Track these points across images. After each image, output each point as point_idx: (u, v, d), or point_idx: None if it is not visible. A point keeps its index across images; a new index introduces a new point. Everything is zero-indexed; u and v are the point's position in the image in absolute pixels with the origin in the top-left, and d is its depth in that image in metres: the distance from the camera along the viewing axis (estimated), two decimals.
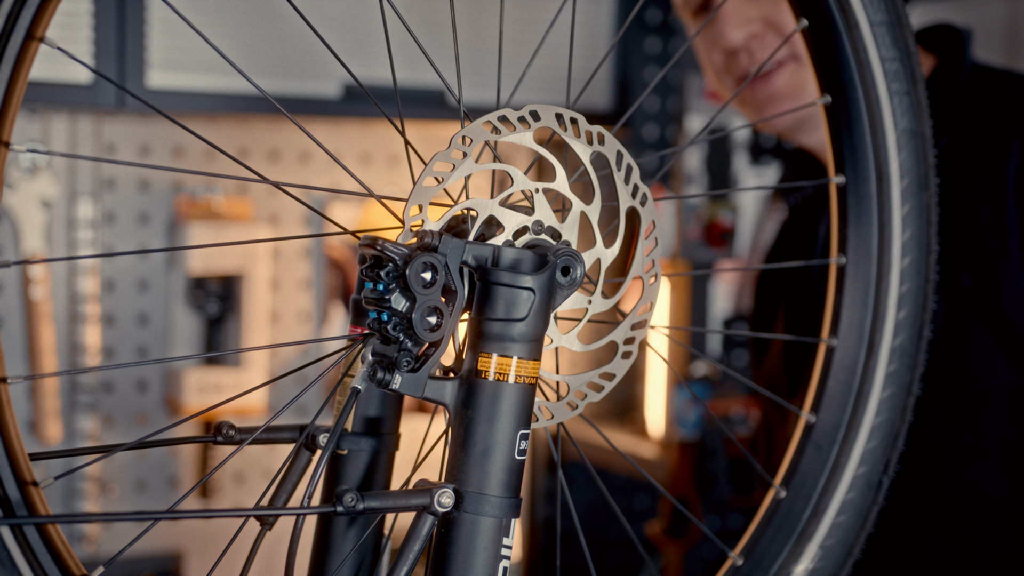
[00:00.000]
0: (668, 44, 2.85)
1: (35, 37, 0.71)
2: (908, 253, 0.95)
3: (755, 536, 0.95)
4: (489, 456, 0.73)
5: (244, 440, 0.83)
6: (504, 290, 0.73)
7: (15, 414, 0.72)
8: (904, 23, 0.93)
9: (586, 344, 0.83)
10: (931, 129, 0.96)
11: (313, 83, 2.36)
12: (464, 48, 0.85)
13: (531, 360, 0.74)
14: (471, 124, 0.77)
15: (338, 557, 0.83)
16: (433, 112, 2.44)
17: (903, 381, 0.96)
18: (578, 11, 2.54)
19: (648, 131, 2.85)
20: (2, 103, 0.70)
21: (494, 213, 0.77)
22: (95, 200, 2.45)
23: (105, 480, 2.50)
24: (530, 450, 1.59)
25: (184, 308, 2.51)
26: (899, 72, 0.93)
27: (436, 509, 0.73)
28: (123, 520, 0.73)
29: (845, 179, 0.95)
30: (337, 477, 0.83)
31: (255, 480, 2.65)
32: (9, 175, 2.33)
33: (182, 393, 2.41)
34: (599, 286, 0.81)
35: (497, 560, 0.73)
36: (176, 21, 2.24)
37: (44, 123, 2.39)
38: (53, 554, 0.73)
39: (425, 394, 0.74)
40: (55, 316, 2.41)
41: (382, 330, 0.74)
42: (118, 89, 2.19)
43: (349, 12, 2.34)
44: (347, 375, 0.83)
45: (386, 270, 0.73)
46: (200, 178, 2.53)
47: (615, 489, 2.92)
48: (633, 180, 0.81)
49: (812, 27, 0.93)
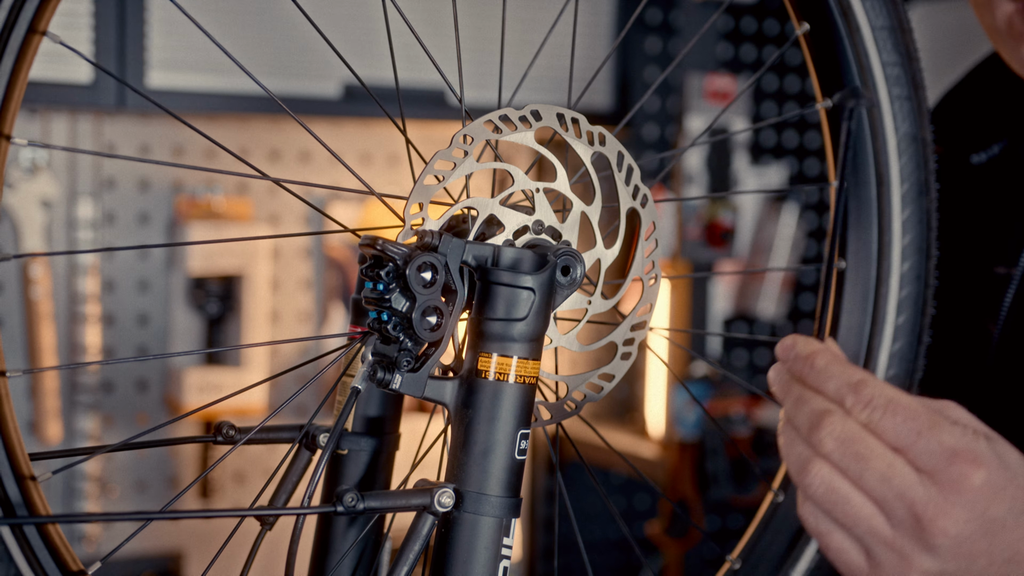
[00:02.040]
0: (668, 44, 2.85)
1: (37, 31, 0.71)
2: (908, 258, 0.95)
3: (753, 539, 0.95)
4: (489, 456, 0.73)
5: (243, 440, 0.83)
6: (504, 290, 0.73)
7: (15, 412, 0.72)
8: (906, 27, 0.93)
9: (586, 344, 0.83)
10: (932, 134, 0.96)
11: (313, 83, 2.37)
12: (465, 48, 0.85)
13: (531, 360, 0.74)
14: (472, 123, 0.77)
15: (338, 557, 0.83)
16: (434, 112, 2.44)
17: (902, 386, 0.96)
18: (579, 11, 2.54)
19: (648, 131, 2.86)
20: (4, 97, 0.70)
21: (494, 212, 0.77)
22: (95, 200, 2.46)
23: (105, 480, 2.50)
24: (530, 450, 1.58)
25: (184, 308, 2.51)
26: (900, 77, 0.93)
27: (436, 509, 0.73)
28: (122, 520, 0.73)
29: (846, 183, 0.95)
30: (337, 477, 0.83)
31: (255, 480, 2.65)
32: (9, 175, 2.33)
33: (182, 393, 2.41)
34: (599, 287, 0.81)
35: (497, 560, 0.73)
36: (176, 21, 2.24)
37: (44, 122, 2.39)
38: (51, 551, 0.73)
39: (425, 394, 0.74)
40: (55, 316, 2.41)
41: (382, 330, 0.74)
42: (118, 89, 2.19)
43: (349, 12, 2.34)
44: (347, 375, 0.83)
45: (386, 270, 0.73)
46: (200, 178, 2.53)
47: (616, 489, 2.92)
48: (634, 181, 0.81)
49: (813, 31, 0.93)
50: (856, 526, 0.67)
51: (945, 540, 0.66)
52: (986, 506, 0.67)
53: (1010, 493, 0.68)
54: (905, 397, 0.67)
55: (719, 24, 2.92)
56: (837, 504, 0.67)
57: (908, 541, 0.67)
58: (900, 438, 0.66)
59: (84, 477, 2.45)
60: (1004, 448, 0.69)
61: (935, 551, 0.66)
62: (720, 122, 2.71)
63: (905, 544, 0.67)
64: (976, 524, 0.67)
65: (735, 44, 2.97)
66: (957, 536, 0.66)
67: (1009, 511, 0.67)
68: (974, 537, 0.67)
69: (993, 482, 0.67)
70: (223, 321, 2.52)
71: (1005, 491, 0.67)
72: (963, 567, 0.68)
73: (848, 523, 0.68)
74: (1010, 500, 0.67)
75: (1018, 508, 0.68)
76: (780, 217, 2.89)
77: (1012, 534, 0.68)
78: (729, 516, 2.96)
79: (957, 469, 0.66)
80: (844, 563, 0.69)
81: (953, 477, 0.66)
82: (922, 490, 0.66)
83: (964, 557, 0.67)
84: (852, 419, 0.67)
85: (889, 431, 0.66)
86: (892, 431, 0.66)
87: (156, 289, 2.54)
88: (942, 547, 0.66)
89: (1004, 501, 0.67)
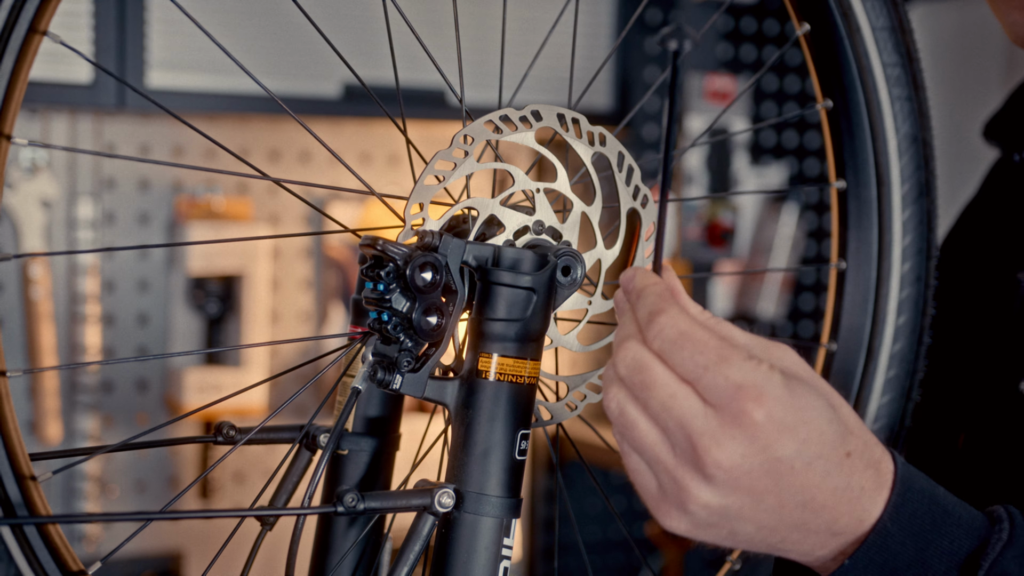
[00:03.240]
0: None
1: (38, 31, 0.71)
2: (908, 259, 0.95)
3: None
4: (489, 456, 0.73)
5: (243, 440, 0.83)
6: (505, 290, 0.73)
7: (15, 412, 0.72)
8: (906, 28, 0.93)
9: (585, 345, 0.83)
10: (932, 135, 0.96)
11: (313, 83, 2.37)
12: (466, 48, 0.85)
13: (531, 360, 0.74)
14: (473, 123, 0.77)
15: (338, 557, 0.83)
16: (434, 112, 2.44)
17: (902, 387, 0.96)
18: (579, 12, 2.54)
19: (648, 131, 2.86)
20: (4, 97, 0.70)
21: (495, 213, 0.77)
22: (95, 200, 2.46)
23: (105, 480, 2.50)
24: (530, 450, 1.58)
25: (184, 308, 2.51)
26: (900, 77, 0.93)
27: (437, 509, 0.73)
28: (122, 520, 0.73)
29: (846, 183, 0.95)
30: (337, 477, 0.83)
31: (255, 480, 2.65)
32: (9, 175, 2.33)
33: (182, 393, 2.40)
34: (599, 287, 0.81)
35: (498, 560, 0.73)
36: (176, 21, 2.24)
37: (44, 123, 2.40)
38: (51, 551, 0.73)
39: (425, 394, 0.74)
40: (55, 316, 2.41)
41: (382, 330, 0.74)
42: (118, 89, 2.19)
43: (350, 12, 2.34)
44: (347, 375, 0.83)
45: (386, 270, 0.73)
46: (200, 178, 2.53)
47: (617, 489, 2.92)
48: (634, 181, 0.81)
49: (814, 31, 0.93)
50: (643, 451, 0.69)
51: (719, 472, 0.66)
52: (767, 443, 0.66)
53: (801, 435, 0.67)
54: (700, 331, 0.67)
55: (719, 24, 2.92)
56: (627, 428, 0.69)
57: (687, 471, 0.67)
58: (688, 371, 0.67)
59: (84, 477, 2.45)
60: (807, 393, 0.68)
61: (711, 482, 0.67)
62: (720, 122, 2.71)
63: (684, 474, 0.67)
64: (756, 460, 0.66)
65: (735, 44, 2.97)
66: (732, 469, 0.66)
67: (798, 453, 0.67)
68: (755, 474, 0.66)
69: (779, 420, 0.66)
70: (223, 321, 2.52)
71: (795, 432, 0.67)
72: (748, 504, 0.68)
73: (637, 448, 0.69)
74: (800, 443, 0.67)
75: (811, 452, 0.67)
76: (780, 217, 2.89)
77: (802, 478, 0.67)
78: None
79: (738, 404, 0.66)
80: (639, 486, 0.70)
81: (734, 411, 0.66)
82: (702, 421, 0.66)
83: (746, 493, 0.67)
84: (646, 348, 0.68)
85: (678, 363, 0.67)
86: (680, 363, 0.67)
87: (156, 289, 2.54)
88: (718, 479, 0.66)
89: (792, 442, 0.67)
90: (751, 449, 0.66)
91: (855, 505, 0.69)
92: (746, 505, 0.68)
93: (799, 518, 0.69)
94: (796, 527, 0.69)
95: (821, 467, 0.68)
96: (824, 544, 0.70)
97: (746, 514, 0.68)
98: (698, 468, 0.66)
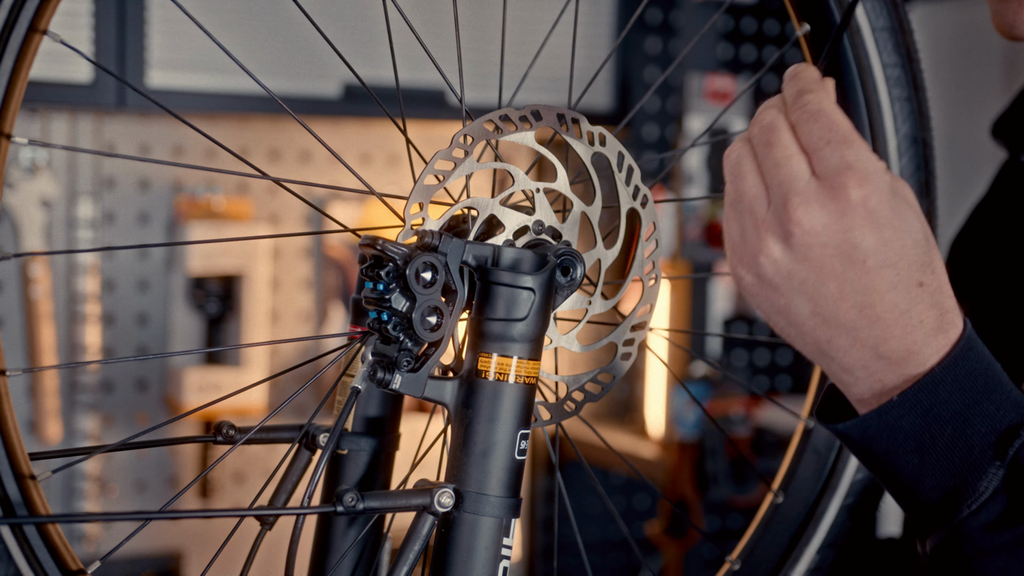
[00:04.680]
0: (668, 44, 2.85)
1: (38, 30, 0.71)
2: None
3: (753, 540, 0.95)
4: (489, 456, 0.73)
5: (242, 440, 0.83)
6: (504, 290, 0.73)
7: (15, 411, 0.72)
8: (906, 29, 0.93)
9: (585, 345, 0.83)
10: (932, 135, 0.95)
11: (313, 83, 2.37)
12: (466, 48, 0.85)
13: (531, 360, 0.74)
14: (473, 123, 0.77)
15: (338, 557, 0.83)
16: (434, 112, 2.44)
17: None
18: (579, 12, 2.54)
19: (648, 131, 2.86)
20: (4, 97, 0.70)
21: (495, 212, 0.77)
22: (95, 200, 2.46)
23: (105, 480, 2.50)
24: (530, 450, 1.58)
25: (184, 308, 2.51)
26: (900, 78, 0.93)
27: (436, 509, 0.73)
28: (122, 520, 0.73)
29: None
30: (337, 477, 0.83)
31: (255, 480, 2.65)
32: (9, 174, 2.33)
33: (182, 392, 2.41)
34: (599, 287, 0.81)
35: (497, 560, 0.73)
36: (176, 20, 2.24)
37: (44, 122, 2.40)
38: (51, 550, 0.73)
39: (425, 394, 0.74)
40: (55, 315, 2.41)
41: (382, 330, 0.74)
42: (118, 89, 2.19)
43: (350, 12, 2.34)
44: (347, 375, 0.83)
45: (386, 270, 0.73)
46: (200, 178, 2.53)
47: (616, 489, 2.92)
48: (634, 181, 0.81)
49: (814, 32, 0.93)
50: (740, 201, 0.72)
51: (797, 230, 0.69)
52: (851, 224, 0.68)
53: (886, 235, 0.69)
54: (838, 114, 0.70)
55: (719, 24, 2.92)
56: (736, 177, 0.72)
57: (771, 226, 0.70)
58: (811, 142, 0.70)
59: (84, 477, 2.45)
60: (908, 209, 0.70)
61: (787, 240, 0.69)
62: (720, 122, 2.71)
63: (767, 229, 0.70)
64: (834, 237, 0.69)
65: (735, 44, 2.97)
66: (809, 233, 0.69)
67: (874, 250, 0.69)
68: (828, 249, 0.69)
69: (871, 209, 0.68)
70: (223, 321, 2.52)
71: (880, 229, 0.69)
72: (811, 280, 0.70)
73: (737, 196, 0.72)
74: (880, 242, 0.69)
75: (886, 257, 0.69)
76: None
77: (868, 278, 0.69)
78: (729, 516, 2.96)
79: (841, 179, 0.68)
80: (726, 234, 0.74)
81: (835, 184, 0.68)
82: (803, 185, 0.69)
83: (813, 266, 0.69)
84: (783, 116, 0.72)
85: (805, 134, 0.70)
86: (807, 134, 0.70)
87: (156, 289, 2.54)
88: (794, 238, 0.69)
89: (873, 237, 0.69)
90: (834, 222, 0.68)
91: (908, 334, 0.70)
92: (809, 280, 0.70)
93: (853, 320, 0.70)
94: (847, 330, 0.70)
95: (890, 277, 0.69)
96: (866, 365, 0.71)
97: (808, 289, 0.70)
98: (781, 224, 0.69)
